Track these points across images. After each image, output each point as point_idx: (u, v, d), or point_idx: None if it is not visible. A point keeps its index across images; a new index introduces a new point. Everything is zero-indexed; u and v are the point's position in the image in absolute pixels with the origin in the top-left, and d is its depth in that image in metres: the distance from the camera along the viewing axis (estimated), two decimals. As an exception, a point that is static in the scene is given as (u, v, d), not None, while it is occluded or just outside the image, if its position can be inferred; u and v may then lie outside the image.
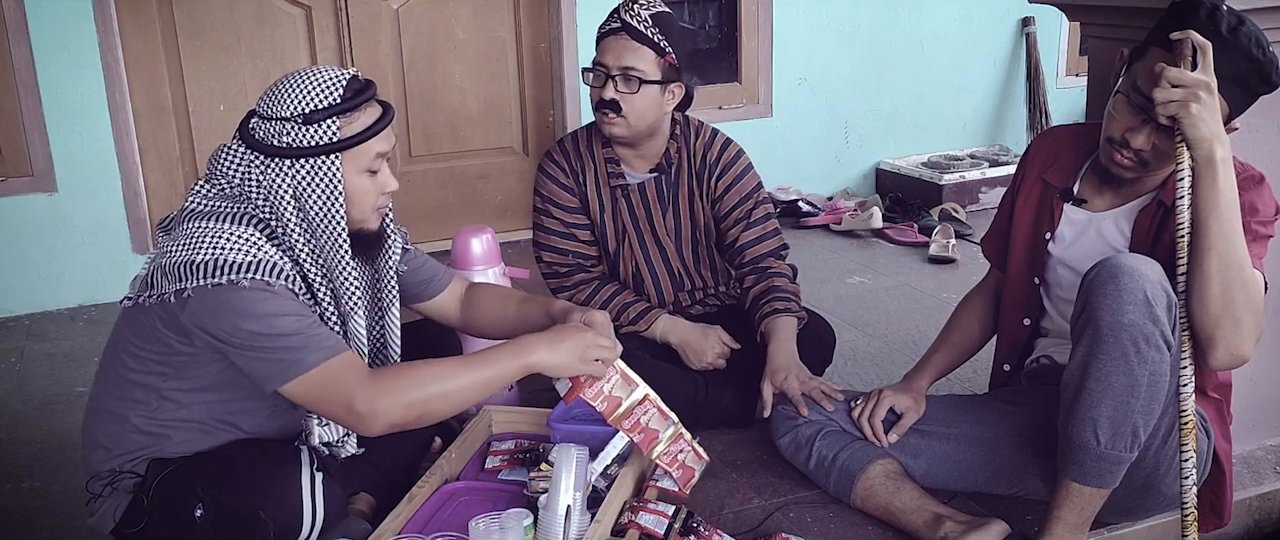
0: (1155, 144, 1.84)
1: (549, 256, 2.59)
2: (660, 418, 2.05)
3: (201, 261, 1.64)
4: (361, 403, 1.66)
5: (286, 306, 1.67)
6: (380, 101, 1.81)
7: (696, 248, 2.63)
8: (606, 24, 2.44)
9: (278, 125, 1.71)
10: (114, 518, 1.82)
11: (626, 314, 2.52)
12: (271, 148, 1.72)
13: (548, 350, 1.83)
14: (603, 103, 2.41)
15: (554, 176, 2.57)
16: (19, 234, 3.53)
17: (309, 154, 1.71)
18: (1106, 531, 2.04)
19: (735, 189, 2.57)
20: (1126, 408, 1.77)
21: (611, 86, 2.39)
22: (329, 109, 1.70)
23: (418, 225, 4.19)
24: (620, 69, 2.39)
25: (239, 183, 1.74)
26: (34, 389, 2.99)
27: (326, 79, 1.73)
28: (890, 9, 4.67)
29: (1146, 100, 1.76)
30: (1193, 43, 1.71)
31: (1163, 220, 1.92)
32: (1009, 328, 2.21)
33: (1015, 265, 2.16)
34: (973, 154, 4.89)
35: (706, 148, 2.58)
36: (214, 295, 1.63)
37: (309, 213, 1.74)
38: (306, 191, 1.73)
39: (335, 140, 1.72)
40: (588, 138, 2.58)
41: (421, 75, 4.06)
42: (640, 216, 2.58)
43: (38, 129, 3.48)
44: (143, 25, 3.66)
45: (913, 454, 2.13)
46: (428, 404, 1.72)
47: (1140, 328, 1.72)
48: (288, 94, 1.72)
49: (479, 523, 1.83)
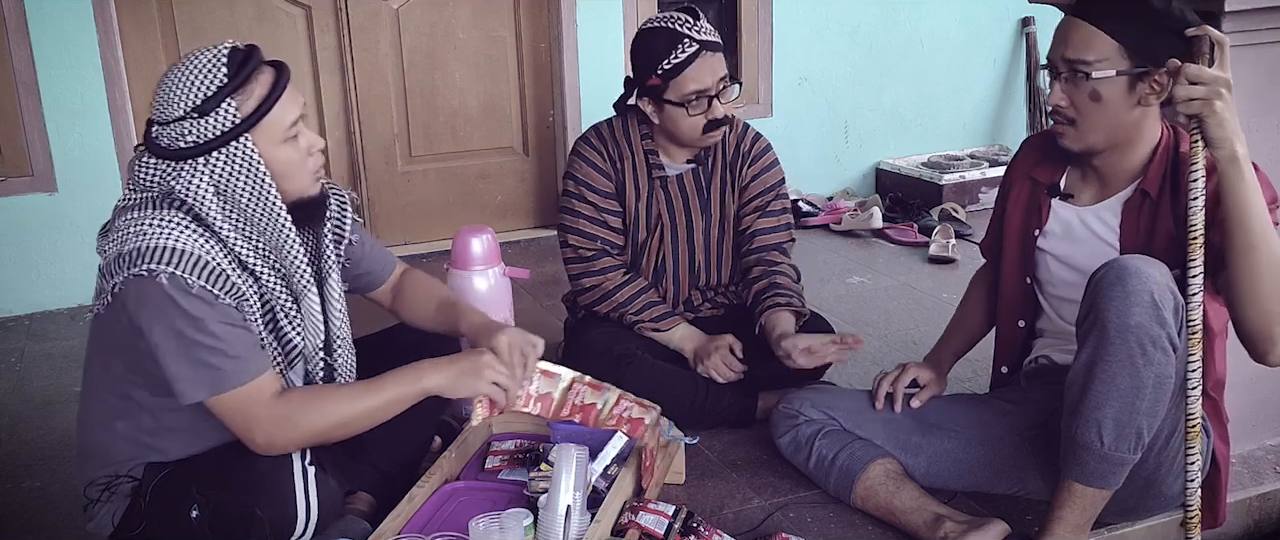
0: (1071, 98, 1.88)
1: (575, 240, 2.57)
2: (593, 391, 2.12)
3: (128, 250, 1.63)
4: (262, 436, 1.69)
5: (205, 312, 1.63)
6: (270, 63, 1.72)
7: (722, 240, 2.65)
8: (681, 50, 2.36)
9: (176, 128, 1.64)
10: (112, 522, 1.81)
11: (649, 312, 2.53)
12: (179, 151, 1.65)
13: (442, 375, 1.84)
14: (715, 123, 2.44)
15: (592, 161, 2.57)
16: (19, 234, 3.53)
17: (216, 145, 1.64)
18: (1106, 531, 2.03)
19: (760, 180, 2.60)
20: (1131, 409, 1.76)
21: (718, 105, 2.43)
22: (219, 92, 1.63)
23: (418, 225, 4.19)
24: (718, 82, 2.41)
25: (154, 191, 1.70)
26: (34, 389, 2.99)
27: (206, 62, 1.64)
28: (890, 9, 4.67)
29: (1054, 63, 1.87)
30: (1210, 39, 1.69)
31: (1151, 212, 1.92)
32: (1004, 331, 2.21)
33: (1008, 267, 2.16)
34: (973, 154, 4.89)
35: (740, 140, 2.61)
36: (138, 287, 1.62)
37: (239, 202, 1.68)
38: (229, 182, 1.67)
39: (237, 122, 1.64)
40: (624, 127, 2.58)
41: (421, 75, 4.06)
42: (677, 207, 2.59)
43: (38, 129, 3.48)
44: (143, 26, 3.66)
45: (913, 453, 2.13)
46: (327, 434, 1.76)
47: (1147, 330, 1.72)
48: (174, 91, 1.64)
49: (479, 523, 1.83)
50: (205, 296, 1.64)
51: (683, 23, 2.40)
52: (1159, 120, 1.94)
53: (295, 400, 1.73)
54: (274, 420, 1.69)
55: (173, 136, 1.66)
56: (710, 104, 2.41)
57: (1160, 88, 1.84)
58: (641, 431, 2.10)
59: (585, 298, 2.58)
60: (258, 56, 1.69)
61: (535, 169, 4.33)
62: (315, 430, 1.73)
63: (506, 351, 1.94)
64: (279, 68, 1.72)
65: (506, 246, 3.71)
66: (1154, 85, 1.85)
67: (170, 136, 1.66)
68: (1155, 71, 1.82)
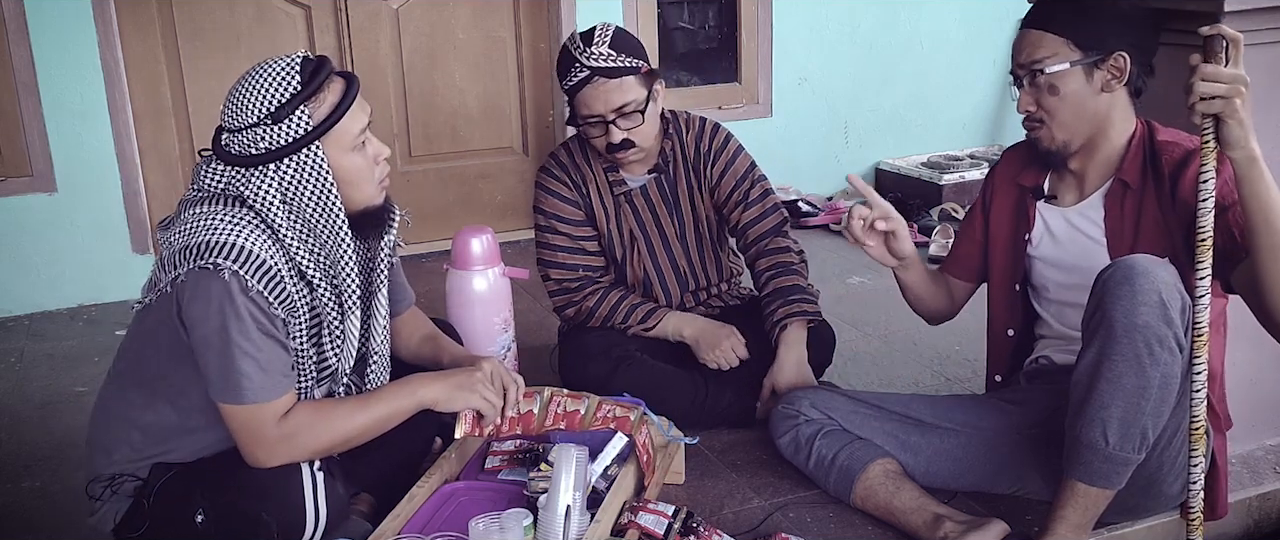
0: (1036, 100, 1.94)
1: (557, 274, 2.56)
2: (573, 399, 2.12)
3: (194, 244, 1.65)
4: (263, 454, 1.71)
5: (256, 319, 1.65)
6: (340, 73, 1.77)
7: (701, 243, 2.62)
8: (572, 75, 2.35)
9: (248, 135, 1.68)
10: (114, 519, 1.82)
11: (635, 315, 2.52)
12: (250, 157, 1.69)
13: (437, 388, 1.88)
14: (613, 146, 2.40)
15: (556, 192, 2.55)
16: (19, 234, 3.53)
17: (289, 151, 1.68)
18: (1107, 531, 2.04)
19: (730, 172, 2.56)
20: (1137, 409, 1.76)
21: (615, 130, 2.37)
22: (293, 99, 1.67)
23: (418, 225, 4.16)
24: (614, 111, 2.35)
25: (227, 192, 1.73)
26: (34, 389, 2.99)
27: (280, 70, 1.69)
28: (890, 9, 4.67)
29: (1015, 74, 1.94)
30: (1225, 37, 1.67)
31: (1136, 202, 1.93)
32: (995, 339, 2.21)
33: (996, 276, 2.17)
34: (973, 154, 4.89)
35: (698, 139, 2.57)
36: (200, 279, 1.64)
37: (304, 210, 1.72)
38: (296, 189, 1.70)
39: (310, 129, 1.69)
40: (582, 148, 2.56)
41: (421, 75, 4.06)
42: (646, 219, 2.58)
43: (38, 129, 3.48)
44: (142, 26, 3.66)
45: (913, 452, 2.13)
46: (325, 452, 1.78)
47: (1154, 330, 1.72)
48: (247, 98, 1.68)
49: (479, 523, 1.83)
50: (260, 302, 1.66)
51: (576, 46, 2.36)
52: (1131, 112, 1.97)
53: (299, 419, 1.74)
54: (278, 440, 1.71)
55: (245, 143, 1.69)
56: (607, 129, 2.38)
57: (1119, 73, 1.90)
58: (629, 428, 2.10)
59: (575, 320, 2.57)
60: (329, 66, 1.74)
61: (535, 169, 4.32)
62: (314, 450, 1.76)
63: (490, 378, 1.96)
64: (350, 78, 1.77)
65: (506, 246, 3.71)
66: (1112, 71, 1.90)
67: (242, 144, 1.69)
68: (1108, 57, 1.88)
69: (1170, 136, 1.95)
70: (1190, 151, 1.86)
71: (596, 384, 2.30)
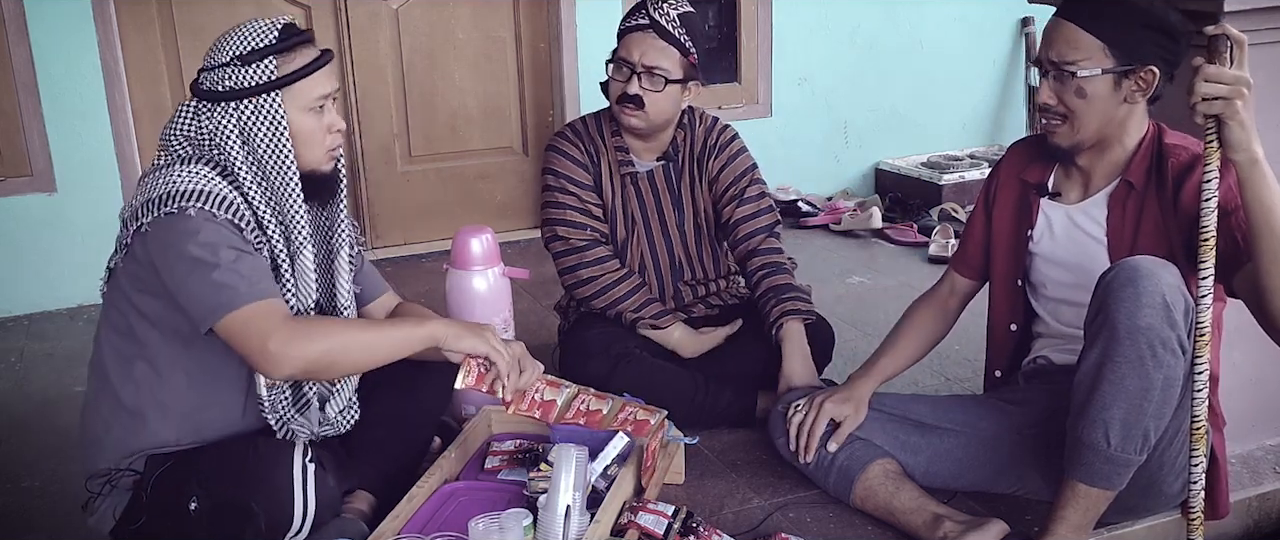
0: (1059, 96, 1.89)
1: (565, 231, 2.55)
2: (598, 399, 2.19)
3: (156, 196, 1.72)
4: (276, 343, 1.69)
5: (229, 239, 1.72)
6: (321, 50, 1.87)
7: (699, 235, 2.64)
8: (632, 18, 2.45)
9: (218, 72, 1.79)
10: (114, 517, 1.83)
11: (648, 309, 2.52)
12: (215, 93, 1.79)
13: (447, 327, 1.90)
14: (626, 97, 2.43)
15: (569, 154, 2.57)
16: (18, 234, 3.53)
17: (249, 93, 1.78)
18: (1107, 531, 2.04)
19: (730, 168, 2.59)
20: (1139, 411, 1.76)
21: (635, 82, 2.41)
22: (264, 49, 1.78)
23: (418, 225, 4.19)
24: (645, 66, 2.41)
25: (188, 132, 1.81)
26: (34, 389, 2.99)
27: (262, 25, 1.82)
28: (890, 9, 4.67)
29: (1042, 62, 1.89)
30: (1229, 38, 1.67)
31: (1138, 204, 1.93)
32: (996, 334, 2.21)
33: (998, 271, 2.16)
34: (972, 154, 4.89)
35: (706, 133, 2.61)
36: (166, 224, 1.71)
37: (257, 151, 1.80)
38: (252, 130, 1.79)
39: (273, 78, 1.79)
40: (597, 124, 2.59)
41: (421, 75, 4.06)
42: (649, 205, 2.59)
43: (37, 129, 3.48)
44: (142, 26, 3.66)
45: (913, 452, 2.13)
46: (335, 355, 1.77)
47: (1157, 332, 1.72)
48: (226, 41, 1.81)
49: (479, 523, 1.83)
50: (227, 228, 1.73)
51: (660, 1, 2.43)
52: (1145, 117, 1.96)
53: (307, 320, 1.82)
54: (288, 330, 1.71)
55: (213, 80, 1.80)
56: (630, 78, 2.42)
57: (1145, 85, 1.87)
58: (647, 430, 2.11)
59: (582, 291, 2.55)
60: (309, 36, 1.86)
61: (535, 169, 4.32)
62: (326, 348, 1.75)
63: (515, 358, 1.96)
64: (324, 51, 1.87)
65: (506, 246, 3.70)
66: (1139, 82, 1.87)
67: (212, 80, 1.81)
68: (1139, 69, 1.85)
69: (1178, 140, 1.94)
70: (1196, 157, 1.84)
71: (596, 382, 2.30)
